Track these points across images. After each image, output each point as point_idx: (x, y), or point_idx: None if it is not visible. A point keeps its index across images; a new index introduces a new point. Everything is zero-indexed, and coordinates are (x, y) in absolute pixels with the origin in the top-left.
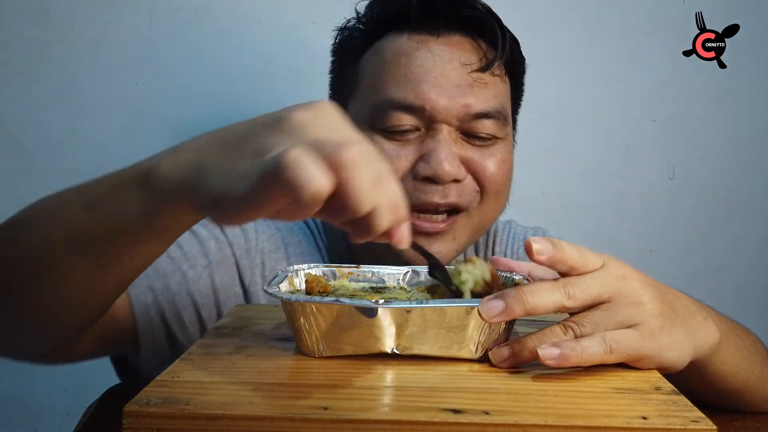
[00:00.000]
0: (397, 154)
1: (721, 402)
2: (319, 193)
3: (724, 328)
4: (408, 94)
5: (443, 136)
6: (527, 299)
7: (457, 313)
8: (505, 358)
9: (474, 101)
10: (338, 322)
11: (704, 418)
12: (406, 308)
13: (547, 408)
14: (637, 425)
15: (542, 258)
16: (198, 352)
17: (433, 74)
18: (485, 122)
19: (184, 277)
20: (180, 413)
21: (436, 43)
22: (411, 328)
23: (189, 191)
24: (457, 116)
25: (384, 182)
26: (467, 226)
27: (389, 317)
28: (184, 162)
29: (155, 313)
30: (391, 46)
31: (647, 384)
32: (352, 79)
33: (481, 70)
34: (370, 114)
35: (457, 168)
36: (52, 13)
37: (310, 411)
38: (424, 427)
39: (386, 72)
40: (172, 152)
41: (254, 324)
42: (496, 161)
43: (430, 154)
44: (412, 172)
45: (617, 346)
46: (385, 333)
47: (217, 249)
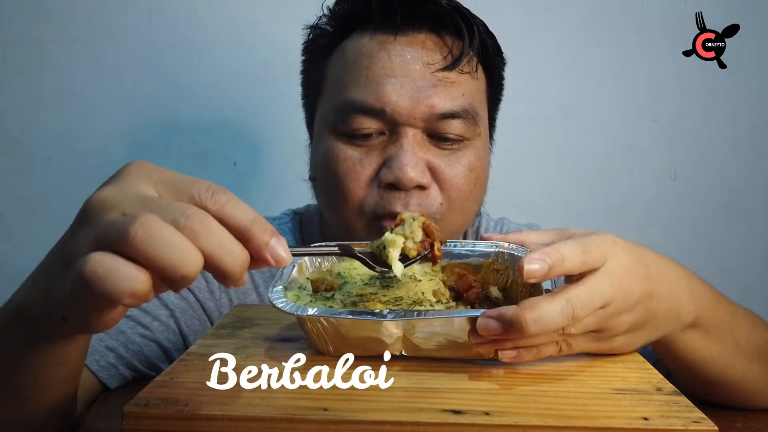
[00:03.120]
0: (361, 161)
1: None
2: (140, 290)
3: (711, 317)
4: (369, 97)
5: (407, 140)
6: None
7: (464, 324)
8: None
9: (438, 101)
10: (345, 329)
11: (705, 418)
12: (413, 320)
13: (548, 409)
14: (639, 426)
15: (533, 281)
16: (197, 353)
17: (394, 76)
18: (452, 123)
19: (148, 328)
20: (179, 414)
21: (397, 42)
22: (418, 335)
23: (57, 321)
24: (421, 118)
25: (196, 227)
26: None
27: (396, 324)
28: (40, 298)
29: (124, 367)
30: (355, 46)
31: (648, 385)
32: (319, 79)
33: (446, 68)
34: (333, 118)
35: (422, 173)
36: (52, 13)
37: (309, 412)
38: (425, 428)
39: (348, 73)
40: (32, 287)
41: (254, 324)
42: (463, 169)
43: (392, 159)
44: (376, 180)
45: (568, 348)
46: (392, 339)
47: (178, 298)
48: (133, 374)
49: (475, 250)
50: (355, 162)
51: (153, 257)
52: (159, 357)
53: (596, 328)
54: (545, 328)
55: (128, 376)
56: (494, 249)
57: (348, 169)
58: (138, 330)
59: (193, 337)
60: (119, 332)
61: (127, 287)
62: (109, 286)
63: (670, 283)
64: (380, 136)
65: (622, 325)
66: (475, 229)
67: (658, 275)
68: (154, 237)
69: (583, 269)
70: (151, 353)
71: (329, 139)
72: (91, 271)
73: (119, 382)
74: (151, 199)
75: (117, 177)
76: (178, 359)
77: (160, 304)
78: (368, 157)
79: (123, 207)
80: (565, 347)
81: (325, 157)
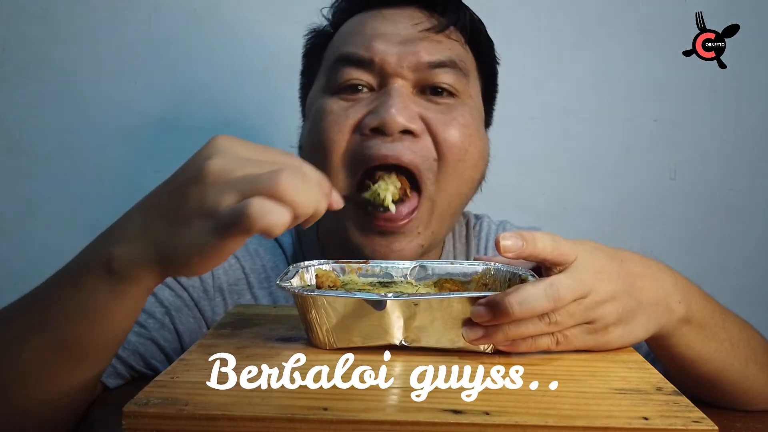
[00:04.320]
0: (346, 110)
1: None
2: (287, 222)
3: (703, 314)
4: (359, 49)
5: (394, 87)
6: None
7: (464, 305)
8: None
9: (425, 53)
10: (348, 315)
11: (705, 418)
12: (413, 300)
13: (548, 408)
14: (639, 426)
15: (509, 255)
16: (197, 353)
17: (384, 32)
18: (442, 73)
19: (144, 326)
20: (179, 414)
21: (390, 10)
22: (419, 321)
23: (156, 268)
24: (409, 67)
25: (311, 181)
26: (431, 212)
27: (397, 310)
28: (140, 246)
29: (122, 366)
30: (348, 25)
31: (648, 385)
32: (315, 64)
33: (432, 29)
34: (326, 78)
35: (410, 118)
36: (52, 13)
37: (310, 411)
38: (425, 428)
39: (342, 39)
40: (119, 237)
41: (254, 324)
42: (458, 124)
43: (380, 105)
44: (359, 128)
45: (564, 339)
46: (393, 325)
47: (173, 296)
48: (131, 373)
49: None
50: (340, 113)
51: (297, 201)
52: (155, 356)
53: (584, 319)
54: (530, 310)
55: (126, 375)
56: (483, 267)
57: (333, 120)
58: (134, 329)
59: (187, 336)
60: None
61: (282, 220)
62: (271, 220)
63: (651, 275)
64: (370, 92)
65: (609, 314)
66: (476, 231)
67: (635, 268)
68: (297, 185)
69: (555, 255)
70: (147, 352)
71: (319, 100)
72: (257, 210)
73: (118, 381)
74: (261, 161)
75: (212, 149)
76: (178, 359)
77: (155, 301)
78: (354, 107)
79: (246, 168)
80: (561, 339)
81: (313, 117)
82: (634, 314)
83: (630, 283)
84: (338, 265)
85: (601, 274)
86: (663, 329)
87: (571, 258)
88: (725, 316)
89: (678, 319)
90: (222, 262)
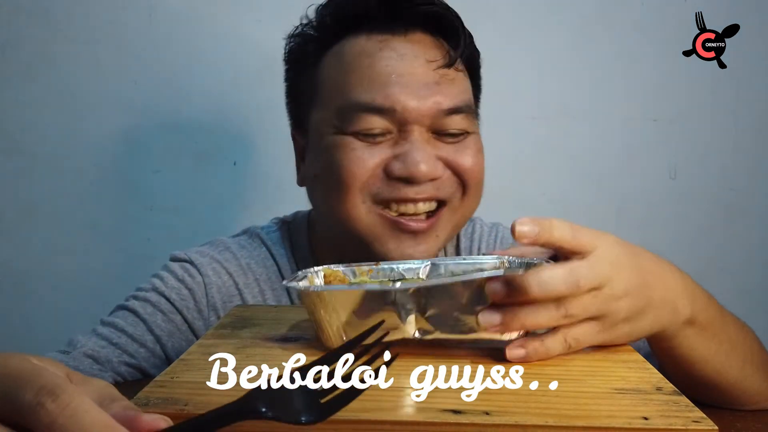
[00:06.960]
0: (368, 150)
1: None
2: None
3: (706, 315)
4: (376, 97)
5: (416, 137)
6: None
7: (478, 290)
8: (496, 324)
9: (443, 99)
10: (357, 309)
11: (705, 418)
12: (423, 287)
13: (548, 408)
14: (639, 425)
15: (525, 242)
16: (197, 353)
17: (399, 74)
18: (456, 118)
19: (134, 357)
20: (179, 414)
21: (399, 41)
22: (431, 311)
23: None
24: (428, 115)
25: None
26: (450, 221)
27: (408, 301)
28: None
29: None
30: (352, 48)
31: (648, 384)
32: (311, 86)
33: (446, 66)
34: (338, 118)
35: (434, 166)
36: (52, 13)
37: None
38: (425, 428)
39: (349, 74)
40: None
41: (254, 324)
42: (472, 153)
43: (406, 156)
44: (385, 171)
45: (576, 343)
46: (405, 318)
47: (165, 321)
48: None
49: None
50: (363, 151)
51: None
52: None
53: (596, 313)
54: (547, 291)
55: None
56: (497, 260)
57: (355, 157)
58: (124, 359)
59: None
60: (107, 361)
61: None
62: None
63: (662, 275)
64: (387, 135)
65: (621, 310)
66: (469, 234)
67: (650, 266)
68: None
69: (573, 244)
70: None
71: (332, 138)
72: None
73: None
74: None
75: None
76: (179, 359)
77: (146, 329)
78: (375, 148)
79: None
80: (572, 342)
81: (328, 152)
82: (643, 312)
83: (644, 281)
84: (349, 268)
85: (619, 268)
86: (667, 330)
87: (589, 248)
88: (725, 318)
89: (683, 321)
90: None
